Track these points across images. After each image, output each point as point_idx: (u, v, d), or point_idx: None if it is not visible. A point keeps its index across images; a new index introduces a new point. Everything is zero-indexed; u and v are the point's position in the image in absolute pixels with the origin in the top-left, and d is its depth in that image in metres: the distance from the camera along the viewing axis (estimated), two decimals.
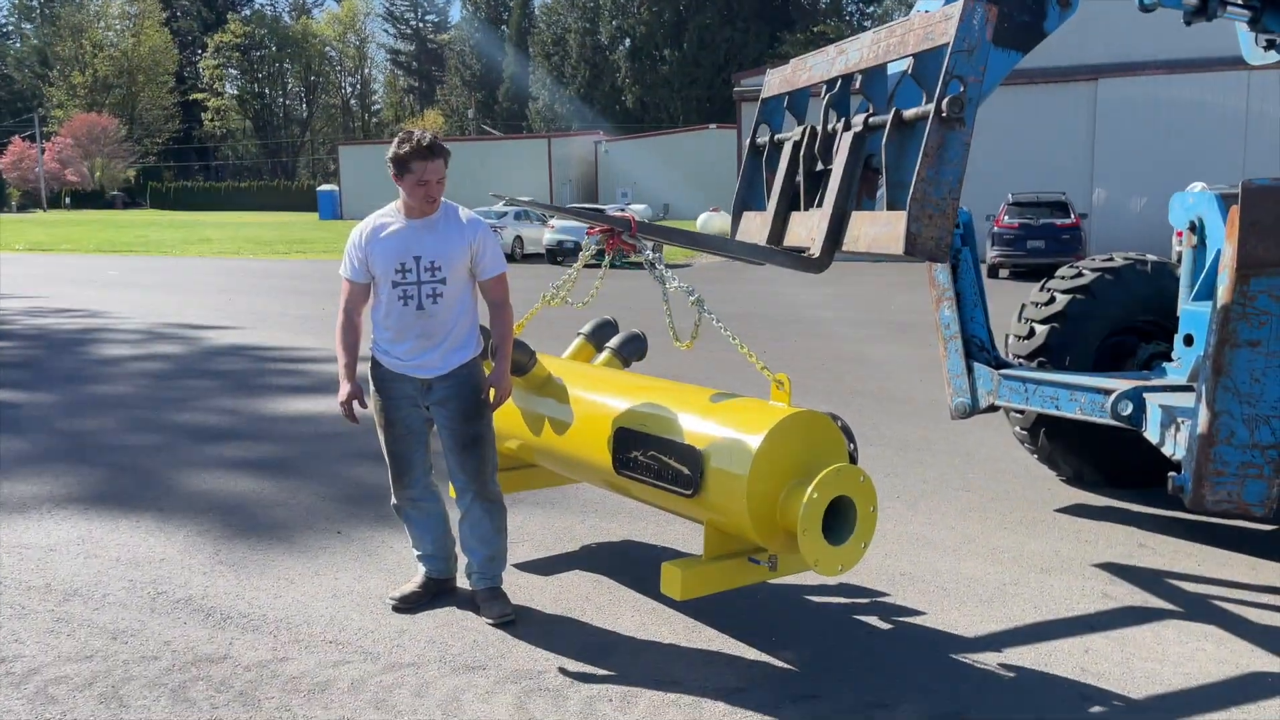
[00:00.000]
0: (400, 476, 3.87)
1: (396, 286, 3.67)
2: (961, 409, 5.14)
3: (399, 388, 3.76)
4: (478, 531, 3.85)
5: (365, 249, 3.72)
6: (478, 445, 3.79)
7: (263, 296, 16.48)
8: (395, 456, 3.85)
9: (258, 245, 30.90)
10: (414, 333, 3.70)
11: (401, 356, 3.73)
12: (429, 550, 3.96)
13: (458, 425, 3.76)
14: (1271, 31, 4.40)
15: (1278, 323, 3.43)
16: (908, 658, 3.51)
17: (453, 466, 3.83)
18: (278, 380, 8.92)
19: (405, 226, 3.69)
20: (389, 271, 3.67)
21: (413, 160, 3.55)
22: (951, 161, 3.23)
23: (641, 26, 70.10)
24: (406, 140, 3.59)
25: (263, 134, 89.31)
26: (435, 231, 3.69)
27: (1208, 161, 22.97)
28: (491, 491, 3.85)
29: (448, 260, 3.68)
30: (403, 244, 3.67)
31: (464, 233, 3.72)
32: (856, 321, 13.14)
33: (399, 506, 3.94)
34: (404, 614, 3.83)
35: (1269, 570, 4.36)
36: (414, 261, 3.66)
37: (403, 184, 3.62)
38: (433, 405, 3.77)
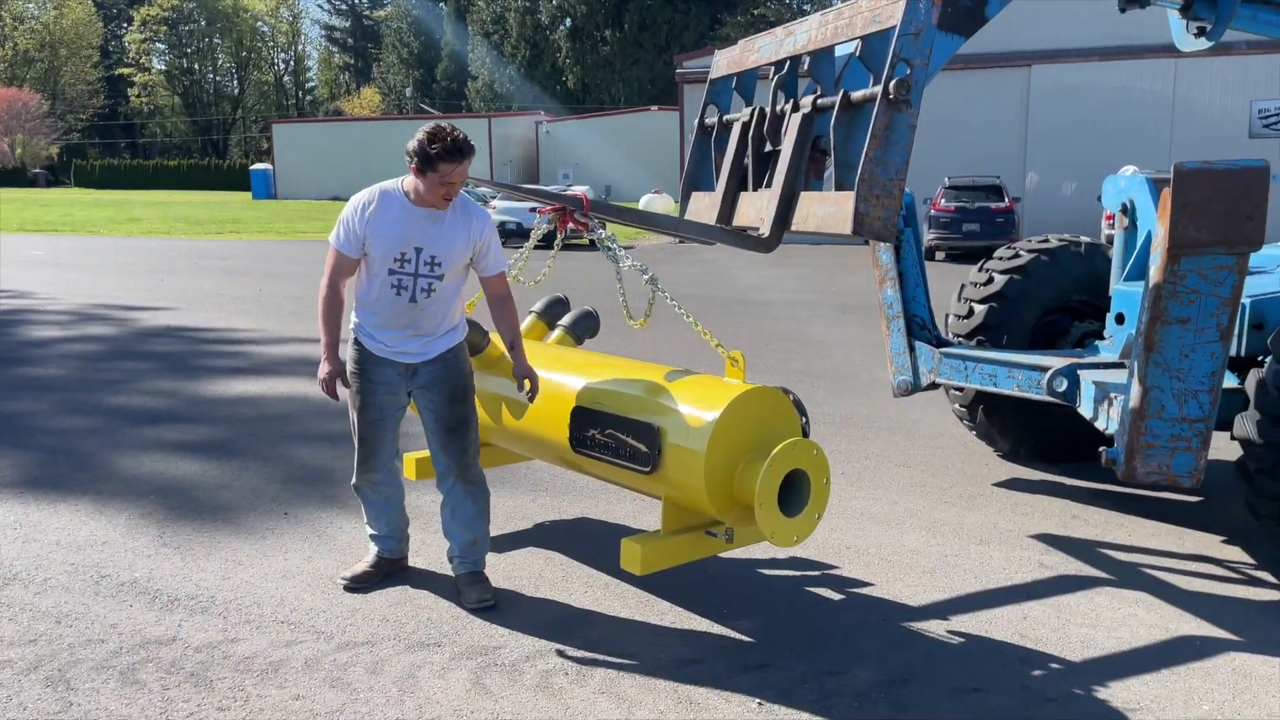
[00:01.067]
0: (367, 459, 3.82)
1: (392, 274, 3.57)
2: (904, 387, 5.25)
3: (380, 372, 3.69)
4: (460, 515, 3.83)
5: (366, 227, 3.56)
6: (462, 428, 3.77)
7: (196, 277, 16.10)
8: (365, 440, 3.79)
9: (189, 225, 30.12)
10: (402, 321, 3.63)
11: (386, 342, 3.66)
12: (383, 531, 3.95)
13: (443, 408, 3.73)
14: (1202, 19, 4.55)
15: (1206, 301, 3.57)
16: (856, 627, 3.61)
17: (435, 450, 3.80)
18: (215, 362, 8.75)
19: (411, 214, 3.55)
20: (387, 258, 3.55)
21: (441, 161, 3.38)
22: (898, 143, 3.30)
23: (582, 6, 69.56)
24: (437, 138, 3.38)
25: (192, 111, 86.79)
26: (441, 224, 3.57)
27: (1136, 146, 23.62)
28: (474, 474, 3.84)
29: (449, 256, 3.59)
30: (406, 232, 3.54)
31: (470, 228, 3.61)
32: (802, 302, 13.30)
33: (359, 486, 3.91)
34: (356, 594, 3.82)
35: (1195, 539, 4.55)
36: (414, 253, 3.55)
37: (423, 180, 3.45)
38: (417, 389, 3.73)
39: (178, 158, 79.29)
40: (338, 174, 51.88)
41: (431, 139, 3.39)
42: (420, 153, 3.40)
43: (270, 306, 12.41)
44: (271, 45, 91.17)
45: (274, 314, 11.71)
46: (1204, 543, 4.51)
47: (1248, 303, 4.45)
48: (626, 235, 25.14)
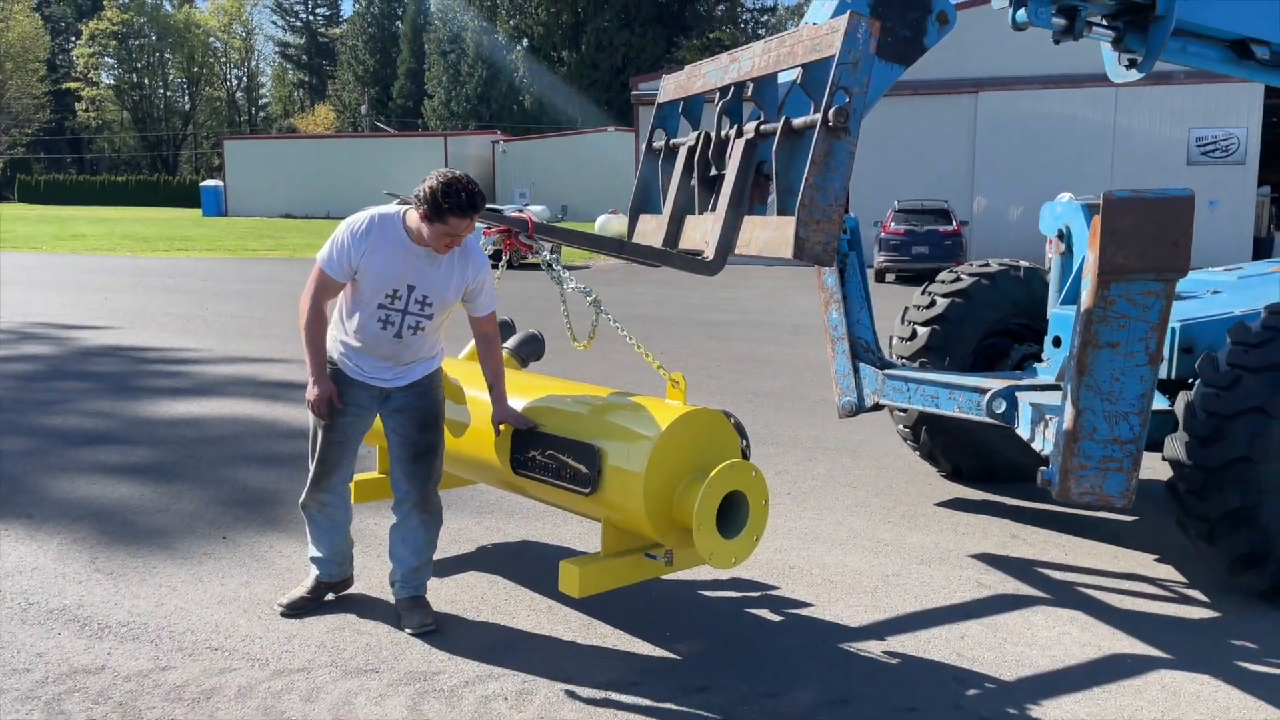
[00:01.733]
0: (321, 479, 3.75)
1: (381, 309, 3.51)
2: (848, 408, 5.31)
3: (353, 393, 3.64)
4: (410, 541, 3.79)
5: (360, 258, 3.45)
6: (429, 455, 3.74)
7: (141, 295, 15.81)
8: (324, 460, 3.72)
9: (136, 242, 29.59)
10: (383, 353, 3.59)
11: (363, 366, 3.62)
12: (324, 553, 3.89)
13: (412, 434, 3.70)
14: (1133, 51, 4.68)
15: (1135, 325, 3.66)
16: (796, 648, 3.63)
17: (398, 474, 3.75)
18: (157, 382, 8.59)
19: (408, 250, 3.46)
20: (377, 293, 3.49)
21: (452, 215, 3.30)
22: (837, 169, 3.35)
23: (539, 27, 69.84)
24: (451, 192, 3.28)
25: (142, 126, 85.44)
26: (438, 265, 3.50)
27: (1079, 172, 24.21)
28: (433, 504, 3.81)
29: (441, 297, 3.55)
30: (400, 269, 3.47)
31: (465, 271, 3.55)
32: (754, 323, 13.40)
33: (307, 506, 3.84)
34: (293, 619, 3.76)
35: (1130, 558, 4.65)
36: (406, 290, 3.49)
37: (428, 226, 3.35)
38: (388, 412, 3.70)
39: (126, 173, 77.91)
40: (290, 191, 51.39)
41: (446, 191, 3.27)
42: (431, 201, 3.29)
43: (216, 326, 12.22)
44: (224, 61, 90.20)
45: (220, 333, 11.54)
46: (1138, 561, 4.60)
47: (1177, 327, 4.57)
48: (580, 255, 25.17)
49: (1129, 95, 24.14)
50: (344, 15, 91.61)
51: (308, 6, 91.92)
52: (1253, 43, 4.48)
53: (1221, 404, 3.92)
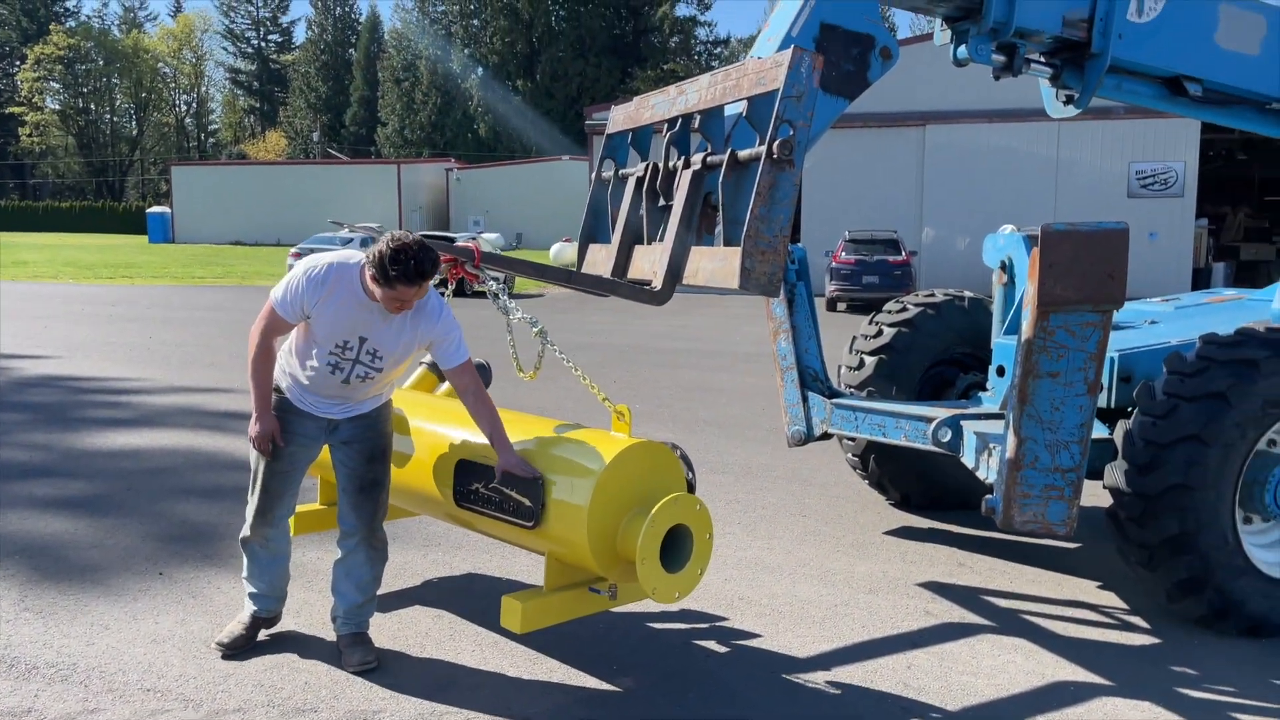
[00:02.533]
0: (266, 513, 3.65)
1: (332, 355, 3.46)
2: (797, 437, 5.33)
3: (300, 423, 3.58)
4: (355, 576, 3.71)
5: (314, 307, 3.39)
6: (375, 489, 3.68)
7: (82, 324, 15.46)
8: (268, 491, 3.62)
9: (78, 269, 28.98)
10: (331, 394, 3.55)
11: (311, 401, 3.57)
12: (263, 589, 3.78)
13: (359, 466, 3.64)
14: (1070, 87, 4.80)
15: (1074, 355, 3.73)
16: (743, 679, 3.61)
17: (345, 508, 3.68)
18: (96, 413, 8.37)
19: (361, 304, 3.40)
20: (328, 340, 3.44)
21: (399, 283, 3.23)
22: (782, 201, 3.37)
23: (494, 56, 70.09)
24: (399, 260, 3.19)
25: (87, 151, 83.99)
26: (390, 322, 3.44)
27: (1024, 204, 24.76)
28: (380, 538, 3.74)
29: (391, 353, 3.50)
30: (353, 322, 3.41)
31: (419, 329, 3.48)
32: (704, 352, 13.44)
33: (249, 541, 3.72)
34: (231, 660, 3.64)
35: (1074, 585, 4.70)
36: (357, 342, 3.45)
37: (378, 288, 3.28)
38: (335, 443, 3.64)
39: (70, 199, 76.43)
40: (240, 218, 50.76)
41: (394, 258, 3.20)
42: (380, 267, 3.24)
43: (159, 355, 11.98)
44: (173, 87, 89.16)
45: (162, 363, 11.31)
46: (1081, 588, 4.66)
47: (1116, 357, 4.66)
48: (534, 284, 25.13)
49: (1072, 129, 24.79)
50: (296, 42, 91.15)
51: (259, 33, 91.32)
52: (1185, 80, 4.62)
53: (1159, 432, 4.00)
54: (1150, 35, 4.44)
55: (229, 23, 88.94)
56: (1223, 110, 4.87)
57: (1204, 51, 4.59)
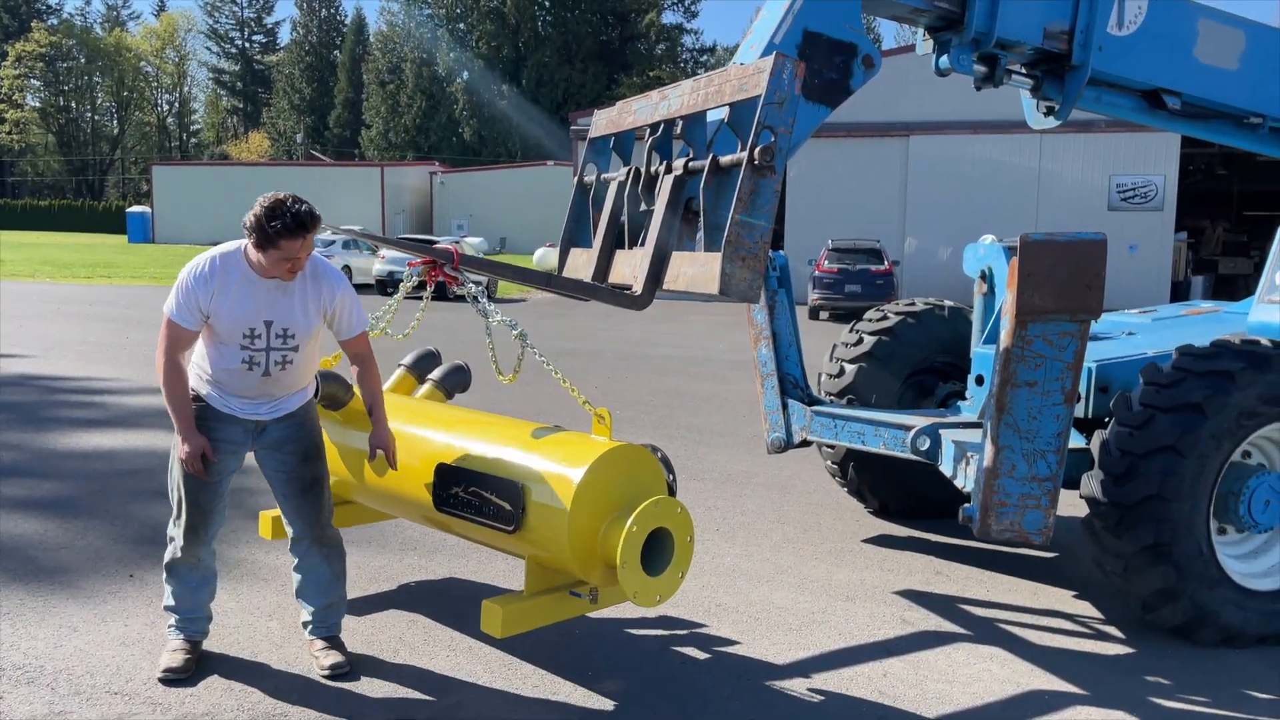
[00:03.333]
0: (197, 529, 3.48)
1: (244, 350, 3.34)
2: (777, 444, 5.33)
3: (226, 429, 3.44)
4: (315, 580, 3.66)
5: (210, 302, 3.28)
6: (317, 488, 3.61)
7: (58, 323, 15.30)
8: (198, 506, 3.46)
9: (56, 268, 28.71)
10: (253, 392, 3.43)
11: (235, 406, 3.44)
12: (200, 612, 3.61)
13: (296, 468, 3.56)
14: (1050, 99, 4.83)
15: (1052, 365, 3.74)
16: (720, 686, 3.59)
17: (288, 512, 3.61)
18: (70, 413, 8.28)
19: (255, 285, 3.32)
20: (235, 334, 3.32)
21: (282, 238, 3.16)
22: (763, 207, 3.37)
23: (480, 60, 70.01)
24: (277, 214, 3.14)
25: (67, 150, 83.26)
26: (290, 295, 3.37)
27: (1005, 215, 24.92)
28: (330, 536, 3.68)
29: (302, 327, 3.40)
30: (253, 306, 3.32)
31: (321, 294, 3.43)
32: (686, 359, 13.44)
33: (179, 563, 3.53)
34: (180, 685, 3.42)
35: (1050, 594, 4.71)
36: (264, 327, 3.34)
37: (263, 255, 3.22)
38: (264, 449, 3.53)
39: (50, 198, 75.72)
40: (220, 219, 50.32)
41: (270, 214, 3.14)
42: (258, 229, 3.17)
43: (136, 355, 11.86)
44: (155, 86, 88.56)
45: (139, 363, 11.19)
46: (1057, 598, 4.67)
47: (1093, 367, 4.69)
48: (519, 289, 25.08)
49: (1053, 142, 24.99)
50: (281, 43, 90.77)
51: (243, 33, 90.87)
52: (1164, 93, 4.65)
53: (1135, 443, 4.02)
54: (1130, 48, 4.47)
55: (213, 22, 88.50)
56: (1201, 124, 4.91)
57: (1183, 65, 4.63)
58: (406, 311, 4.43)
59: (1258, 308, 5.12)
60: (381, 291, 23.87)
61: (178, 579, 3.57)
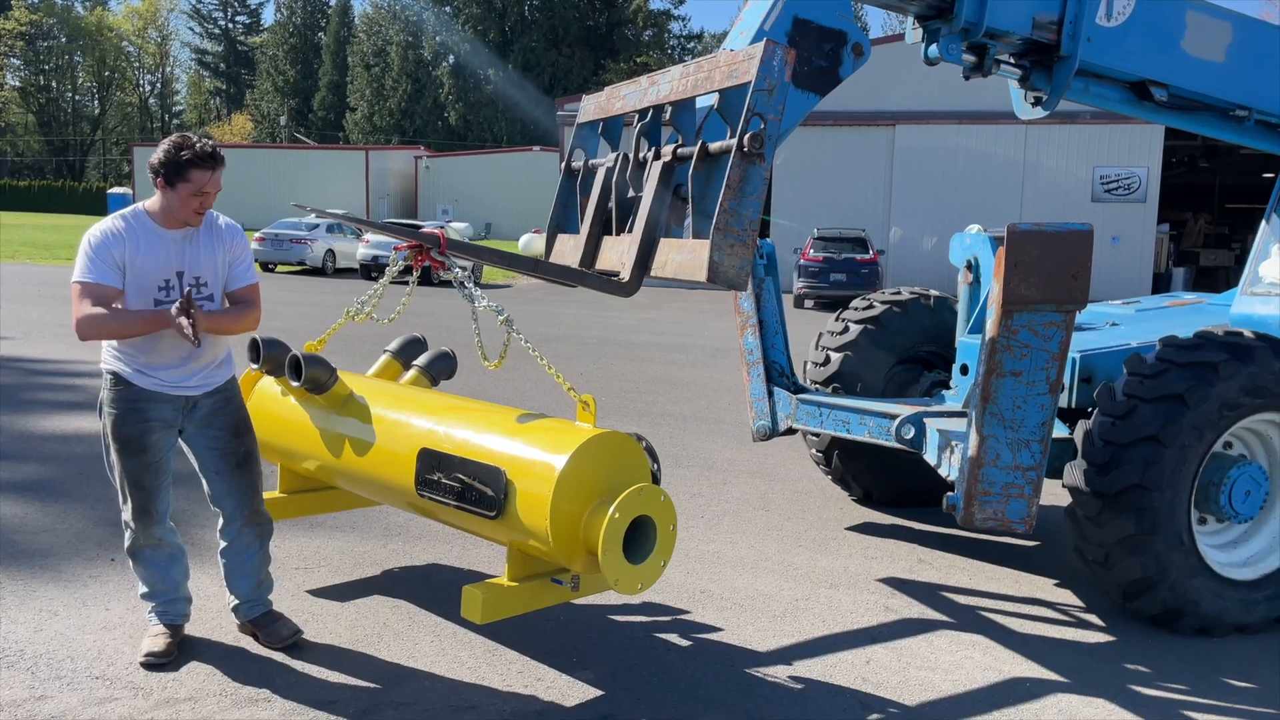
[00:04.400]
0: (148, 510, 3.45)
1: (159, 305, 3.33)
2: (762, 431, 5.33)
3: (157, 410, 3.41)
4: (244, 561, 3.64)
5: (123, 257, 3.28)
6: (250, 462, 3.60)
7: (37, 305, 15.16)
8: (143, 489, 3.43)
9: (36, 249, 28.41)
10: (179, 354, 3.39)
11: (163, 377, 3.40)
12: (176, 593, 3.59)
13: (228, 442, 3.54)
14: (1039, 89, 4.83)
15: (1037, 355, 3.75)
16: (703, 673, 3.60)
17: (220, 491, 3.58)
18: (49, 395, 8.21)
19: (164, 238, 3.34)
20: (150, 288, 3.32)
21: (193, 169, 3.23)
22: (751, 194, 3.36)
23: (466, 44, 69.57)
24: (185, 145, 3.27)
25: (47, 130, 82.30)
26: (196, 243, 3.42)
27: (990, 205, 25.01)
28: (263, 514, 3.68)
29: (212, 274, 3.44)
30: (164, 258, 3.34)
31: (223, 241, 3.48)
32: (671, 346, 13.44)
33: (140, 549, 3.51)
34: (163, 670, 3.40)
35: (1031, 583, 4.75)
36: (176, 278, 3.36)
37: (173, 193, 3.28)
38: (195, 426, 3.50)
39: (29, 178, 74.86)
40: None
41: (179, 147, 3.24)
42: (169, 162, 3.23)
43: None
44: (137, 66, 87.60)
45: None
46: (1039, 586, 4.70)
47: (1077, 357, 4.71)
48: (503, 274, 25.01)
49: (1038, 133, 25.07)
50: (265, 24, 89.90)
51: (227, 14, 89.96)
52: (1152, 85, 4.66)
53: (1117, 433, 4.04)
54: (1118, 39, 4.48)
55: (195, 2, 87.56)
56: (1188, 116, 4.93)
57: (1171, 57, 4.64)
58: (391, 296, 4.39)
59: (1240, 299, 5.16)
60: (365, 276, 23.77)
61: (145, 563, 3.55)
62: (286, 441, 4.01)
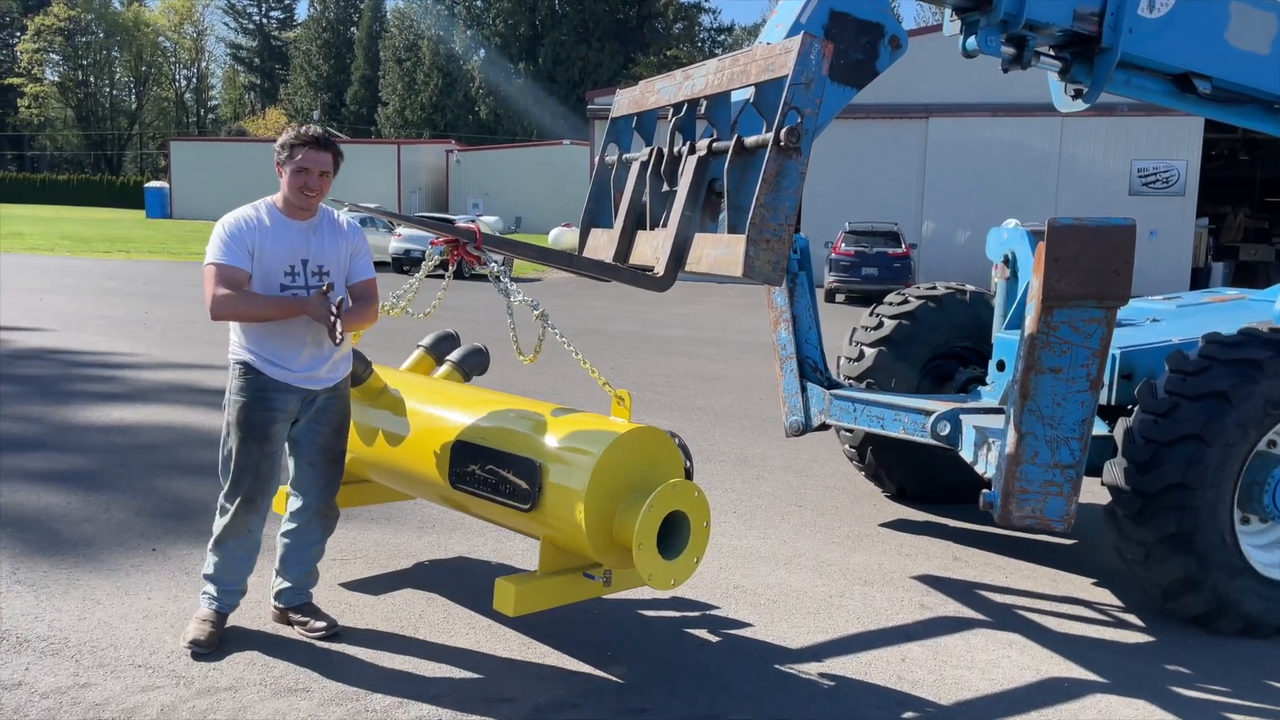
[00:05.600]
0: (255, 500, 3.53)
1: (285, 290, 3.46)
2: (796, 427, 5.31)
3: (282, 399, 3.51)
4: (305, 548, 3.70)
5: (254, 243, 3.43)
6: (341, 461, 3.72)
7: (77, 297, 15.40)
8: (259, 477, 3.51)
9: (75, 242, 28.86)
10: (304, 339, 3.49)
11: (293, 368, 3.49)
12: (239, 585, 3.65)
13: (330, 439, 3.64)
14: (1079, 82, 4.76)
15: (1077, 351, 3.71)
16: (736, 669, 3.60)
17: (307, 480, 3.65)
18: (90, 387, 8.34)
19: (289, 227, 3.52)
20: (277, 273, 3.46)
21: (301, 149, 3.45)
22: (788, 189, 3.34)
23: (497, 38, 69.74)
24: (299, 132, 3.52)
25: (86, 124, 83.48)
26: (319, 235, 3.58)
27: (1025, 199, 24.72)
28: (335, 508, 3.77)
29: (334, 264, 3.58)
30: (290, 246, 3.49)
31: (345, 236, 3.65)
32: (702, 340, 13.41)
33: (230, 536, 3.55)
34: (205, 659, 3.45)
35: (1069, 582, 4.69)
36: (301, 265, 3.51)
37: (288, 177, 3.48)
38: (308, 419, 3.59)
39: (68, 172, 76.03)
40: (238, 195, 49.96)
41: (292, 134, 3.53)
42: (286, 146, 3.49)
43: (155, 330, 11.93)
44: (173, 61, 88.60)
45: (158, 338, 11.26)
46: (1077, 585, 4.65)
47: (1118, 354, 4.65)
48: (532, 268, 25.07)
49: (1074, 125, 24.72)
50: (298, 19, 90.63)
51: (261, 9, 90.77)
52: (1195, 77, 4.58)
53: (1159, 431, 3.98)
54: (1161, 31, 4.40)
55: None
56: (1231, 109, 4.84)
57: (1214, 49, 4.56)
58: (426, 291, 4.42)
59: None
60: (398, 269, 23.90)
61: (227, 553, 3.60)
62: None
